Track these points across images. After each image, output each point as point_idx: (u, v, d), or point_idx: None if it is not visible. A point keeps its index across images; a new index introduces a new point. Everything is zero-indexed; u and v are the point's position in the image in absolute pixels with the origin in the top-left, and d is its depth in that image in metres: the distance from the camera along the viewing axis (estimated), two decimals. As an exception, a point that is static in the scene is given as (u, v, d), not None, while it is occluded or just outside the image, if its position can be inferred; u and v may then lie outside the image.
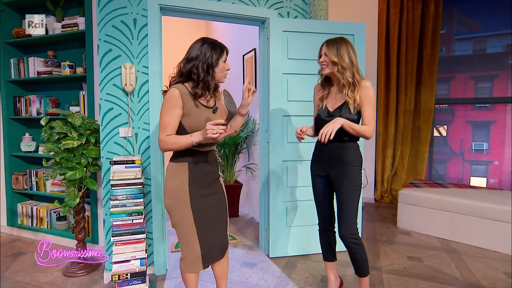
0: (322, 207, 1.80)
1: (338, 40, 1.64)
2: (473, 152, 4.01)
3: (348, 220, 1.63)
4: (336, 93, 1.70)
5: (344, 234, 1.63)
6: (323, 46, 1.67)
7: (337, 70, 1.61)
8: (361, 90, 1.61)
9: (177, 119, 1.39)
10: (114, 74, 2.06)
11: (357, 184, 1.66)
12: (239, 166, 3.71)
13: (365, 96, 1.60)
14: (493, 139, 3.89)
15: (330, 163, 1.70)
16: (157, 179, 2.16)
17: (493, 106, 3.86)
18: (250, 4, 2.37)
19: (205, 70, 1.39)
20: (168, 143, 1.38)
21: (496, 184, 3.88)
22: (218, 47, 1.44)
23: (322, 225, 1.84)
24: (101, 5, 2.02)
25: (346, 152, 1.66)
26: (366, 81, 1.63)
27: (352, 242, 1.63)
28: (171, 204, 1.45)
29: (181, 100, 1.38)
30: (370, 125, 1.60)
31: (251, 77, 3.31)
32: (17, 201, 2.95)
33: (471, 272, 2.22)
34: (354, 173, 1.65)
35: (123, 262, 1.86)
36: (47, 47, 2.76)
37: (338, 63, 1.60)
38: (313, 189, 1.83)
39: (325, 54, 1.65)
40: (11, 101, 2.86)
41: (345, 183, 1.64)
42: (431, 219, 2.92)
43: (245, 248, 2.65)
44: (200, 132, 1.33)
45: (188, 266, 1.47)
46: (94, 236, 2.55)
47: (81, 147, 2.09)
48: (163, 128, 1.39)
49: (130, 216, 1.89)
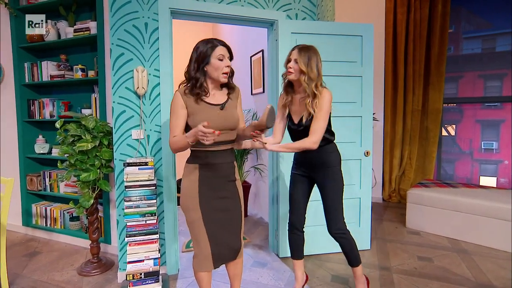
0: (296, 207, 1.86)
1: (310, 49, 1.65)
2: (483, 151, 3.97)
3: (335, 218, 1.75)
4: (299, 100, 1.73)
5: (332, 231, 1.76)
6: (294, 51, 1.66)
7: (304, 80, 1.62)
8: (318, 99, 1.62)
9: (183, 119, 1.45)
10: (126, 78, 2.11)
11: (339, 184, 1.76)
12: (247, 167, 3.74)
13: (318, 105, 1.61)
14: (503, 138, 3.85)
15: (311, 167, 1.78)
16: (169, 180, 2.19)
17: (502, 105, 3.82)
18: (259, 6, 2.39)
19: (195, 68, 1.43)
20: (173, 143, 1.43)
21: (506, 183, 3.84)
22: (210, 43, 1.42)
23: (293, 225, 1.88)
24: (114, 10, 2.06)
25: (324, 155, 1.74)
26: (325, 90, 1.64)
27: (340, 237, 1.76)
28: (184, 203, 1.51)
29: (183, 100, 1.43)
30: (312, 136, 1.61)
31: (258, 79, 3.34)
32: (32, 202, 3.02)
33: (482, 272, 2.21)
34: (335, 173, 1.75)
35: (137, 262, 1.90)
36: (60, 51, 2.82)
37: (307, 73, 1.61)
38: (291, 187, 1.89)
39: (295, 61, 1.64)
40: (25, 104, 2.93)
41: (329, 184, 1.74)
42: (440, 219, 2.91)
43: (255, 248, 2.67)
44: (193, 132, 1.30)
45: (199, 265, 1.50)
46: (107, 236, 2.60)
47: (94, 149, 2.14)
48: (171, 130, 1.46)
49: (143, 217, 1.93)
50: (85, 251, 2.61)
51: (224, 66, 1.44)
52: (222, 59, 1.43)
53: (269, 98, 2.56)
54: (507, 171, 3.85)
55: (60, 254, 2.59)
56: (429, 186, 3.18)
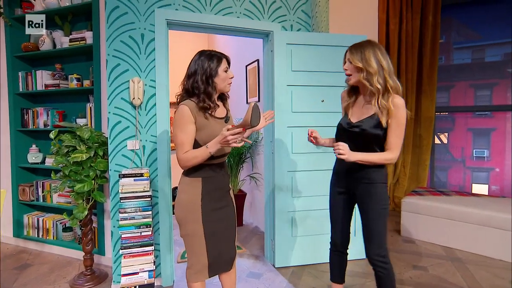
0: (338, 225, 1.67)
1: (364, 44, 1.47)
2: (474, 159, 4.04)
3: (378, 242, 1.50)
4: (364, 104, 1.52)
5: (372, 256, 1.51)
6: (347, 52, 1.51)
7: (363, 77, 1.43)
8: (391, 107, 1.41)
9: (192, 135, 1.41)
10: (122, 88, 2.11)
11: (385, 204, 1.51)
12: (243, 175, 3.74)
13: (394, 116, 1.40)
14: (494, 146, 3.93)
15: (351, 180, 1.57)
16: (164, 191, 2.18)
17: (493, 114, 3.91)
18: (254, 17, 2.42)
19: (204, 82, 1.41)
20: (187, 159, 1.39)
21: (497, 190, 3.90)
22: (215, 57, 1.44)
23: (334, 245, 1.72)
24: (110, 21, 2.07)
25: (368, 169, 1.50)
26: (397, 98, 1.42)
27: (380, 266, 1.50)
28: (182, 217, 1.48)
29: (192, 115, 1.39)
30: (393, 151, 1.42)
31: (254, 88, 3.36)
32: (24, 212, 2.96)
33: (477, 281, 2.23)
34: (380, 191, 1.50)
35: (131, 274, 1.88)
36: (55, 60, 2.81)
37: (364, 68, 1.42)
38: (330, 204, 1.71)
39: (348, 61, 1.49)
40: (18, 113, 2.90)
41: (372, 203, 1.50)
42: (435, 228, 2.93)
43: (251, 258, 2.66)
44: (216, 141, 1.33)
45: (193, 276, 1.49)
46: (101, 247, 2.56)
47: (89, 160, 2.12)
48: (180, 146, 1.40)
49: (138, 228, 1.91)
50: (78, 262, 2.56)
51: (229, 78, 1.48)
52: (226, 71, 1.47)
53: (265, 108, 2.58)
54: (498, 179, 3.92)
55: (52, 266, 2.54)
56: (423, 194, 3.21)
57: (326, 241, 1.79)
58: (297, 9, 2.56)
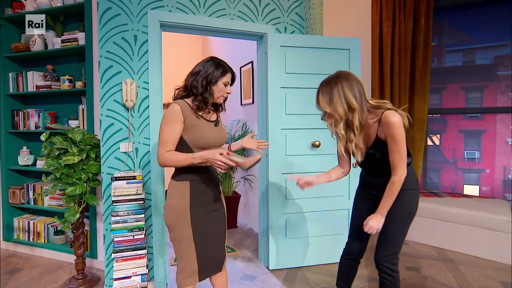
0: (358, 230, 1.56)
1: (331, 81, 1.41)
2: (466, 160, 4.09)
3: (389, 247, 1.44)
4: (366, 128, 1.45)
5: (380, 261, 1.45)
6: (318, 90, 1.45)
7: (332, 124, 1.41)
8: (383, 127, 1.35)
9: (177, 134, 1.41)
10: (114, 90, 2.09)
11: (409, 212, 1.46)
12: (237, 177, 3.73)
13: (389, 136, 1.33)
14: (484, 147, 3.99)
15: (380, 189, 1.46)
16: (157, 193, 2.17)
17: (483, 116, 3.97)
18: (248, 20, 2.42)
19: (204, 85, 1.42)
20: (168, 159, 1.39)
21: (488, 191, 3.96)
22: (222, 68, 1.46)
23: (349, 252, 1.66)
24: (103, 23, 2.05)
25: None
26: (389, 115, 1.32)
27: (387, 273, 1.44)
28: (171, 221, 1.46)
29: (182, 114, 1.39)
30: (397, 170, 1.35)
31: (248, 89, 3.36)
32: (14, 215, 2.91)
33: (468, 282, 2.26)
34: (407, 198, 1.44)
35: (124, 278, 1.86)
36: (46, 61, 2.77)
37: (332, 114, 1.38)
38: (353, 208, 1.65)
39: (317, 103, 1.44)
40: (9, 115, 2.85)
41: (395, 208, 1.42)
42: (427, 229, 2.96)
43: (244, 260, 2.65)
44: (204, 155, 1.33)
45: (184, 280, 1.49)
46: (93, 251, 2.53)
47: (81, 163, 2.10)
48: (163, 144, 1.39)
49: (131, 232, 1.89)
50: (70, 266, 2.53)
51: (226, 92, 1.50)
52: (226, 85, 1.49)
53: (259, 109, 2.58)
54: (489, 180, 3.97)
55: (43, 270, 2.50)
56: (416, 196, 3.24)
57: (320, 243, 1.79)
58: (291, 12, 2.57)
